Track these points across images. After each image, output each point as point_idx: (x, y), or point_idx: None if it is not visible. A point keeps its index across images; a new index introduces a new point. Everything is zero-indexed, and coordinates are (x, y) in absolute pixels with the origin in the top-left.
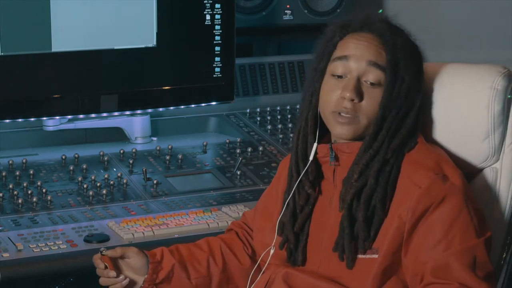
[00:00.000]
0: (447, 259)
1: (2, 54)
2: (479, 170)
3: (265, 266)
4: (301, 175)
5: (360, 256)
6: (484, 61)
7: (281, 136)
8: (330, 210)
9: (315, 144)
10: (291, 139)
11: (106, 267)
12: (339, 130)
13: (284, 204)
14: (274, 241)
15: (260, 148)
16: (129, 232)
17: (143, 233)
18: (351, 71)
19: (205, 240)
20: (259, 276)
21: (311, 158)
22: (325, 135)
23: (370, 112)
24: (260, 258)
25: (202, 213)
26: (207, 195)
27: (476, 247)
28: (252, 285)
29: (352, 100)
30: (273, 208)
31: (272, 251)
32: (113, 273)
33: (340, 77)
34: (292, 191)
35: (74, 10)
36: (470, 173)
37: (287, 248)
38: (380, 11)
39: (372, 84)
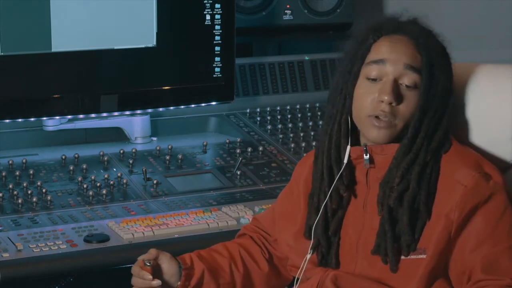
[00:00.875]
0: (497, 256)
1: (2, 54)
2: (507, 168)
3: (300, 272)
4: (336, 179)
5: (408, 257)
6: (484, 61)
7: (281, 136)
8: (364, 212)
9: (349, 147)
10: (291, 139)
11: (152, 279)
12: (375, 134)
13: (311, 207)
14: (311, 245)
15: (260, 148)
16: (129, 232)
17: (143, 233)
18: (387, 74)
19: (223, 246)
20: (298, 282)
21: (345, 161)
22: (353, 138)
23: (407, 115)
24: (303, 265)
25: (202, 213)
26: (207, 195)
27: None
28: None
29: (390, 103)
30: (296, 210)
31: (308, 256)
32: (157, 282)
33: (374, 80)
34: (328, 195)
35: (74, 10)
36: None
37: (318, 252)
38: None
39: (408, 87)
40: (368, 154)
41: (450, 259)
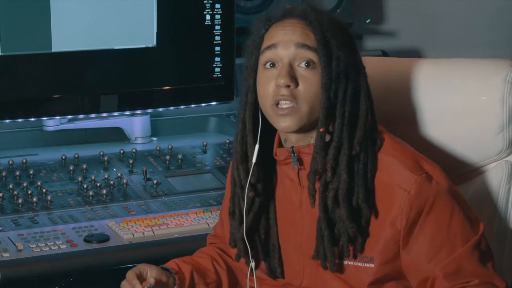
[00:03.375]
0: (457, 262)
1: (2, 54)
2: (491, 163)
3: (248, 283)
4: (242, 179)
5: (354, 263)
6: None
7: None
8: (301, 212)
9: (257, 146)
10: None
11: None
12: (282, 123)
13: (230, 213)
14: (250, 254)
15: None
16: (129, 232)
17: (143, 233)
18: (282, 59)
19: (199, 250)
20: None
21: (254, 160)
22: (268, 135)
23: (310, 96)
24: (254, 276)
25: (202, 213)
26: (207, 195)
27: (479, 241)
28: None
29: (288, 86)
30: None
31: (252, 264)
32: None
33: (271, 66)
34: (232, 198)
35: (74, 10)
36: (481, 167)
37: (264, 263)
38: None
39: (306, 65)
40: (295, 155)
41: (407, 269)
